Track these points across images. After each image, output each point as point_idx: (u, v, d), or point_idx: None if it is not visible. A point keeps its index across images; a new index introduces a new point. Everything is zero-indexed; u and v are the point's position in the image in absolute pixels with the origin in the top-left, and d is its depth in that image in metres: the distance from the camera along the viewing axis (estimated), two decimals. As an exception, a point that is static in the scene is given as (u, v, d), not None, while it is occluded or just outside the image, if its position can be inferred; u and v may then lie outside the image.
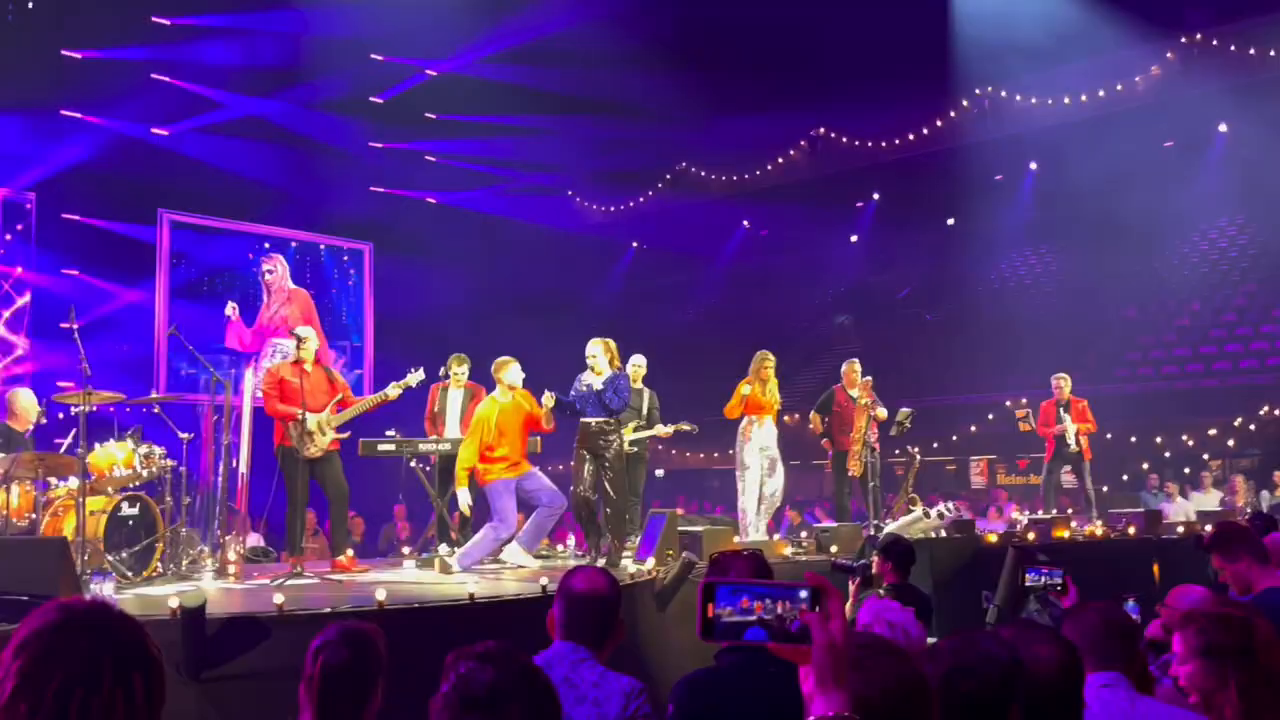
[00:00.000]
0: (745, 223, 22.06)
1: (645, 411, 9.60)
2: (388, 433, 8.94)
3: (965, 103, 18.58)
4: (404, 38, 15.63)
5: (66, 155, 14.38)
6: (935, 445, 17.04)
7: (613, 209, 21.52)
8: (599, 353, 8.00)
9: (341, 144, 16.48)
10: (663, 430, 9.70)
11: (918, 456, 10.40)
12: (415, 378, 8.19)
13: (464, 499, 7.77)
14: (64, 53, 14.14)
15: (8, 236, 14.59)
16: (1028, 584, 4.35)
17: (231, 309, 15.89)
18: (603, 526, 8.10)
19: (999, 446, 17.99)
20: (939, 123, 18.89)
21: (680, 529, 8.09)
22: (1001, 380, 17.07)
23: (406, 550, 9.23)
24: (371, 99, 16.79)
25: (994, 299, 20.88)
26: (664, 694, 5.31)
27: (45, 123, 14.02)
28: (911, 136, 19.08)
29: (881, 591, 5.41)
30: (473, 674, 2.00)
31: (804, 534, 10.31)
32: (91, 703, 1.78)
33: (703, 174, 20.80)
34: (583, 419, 8.00)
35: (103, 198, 14.75)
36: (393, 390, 8.14)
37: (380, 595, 5.64)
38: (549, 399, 7.90)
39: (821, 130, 20.02)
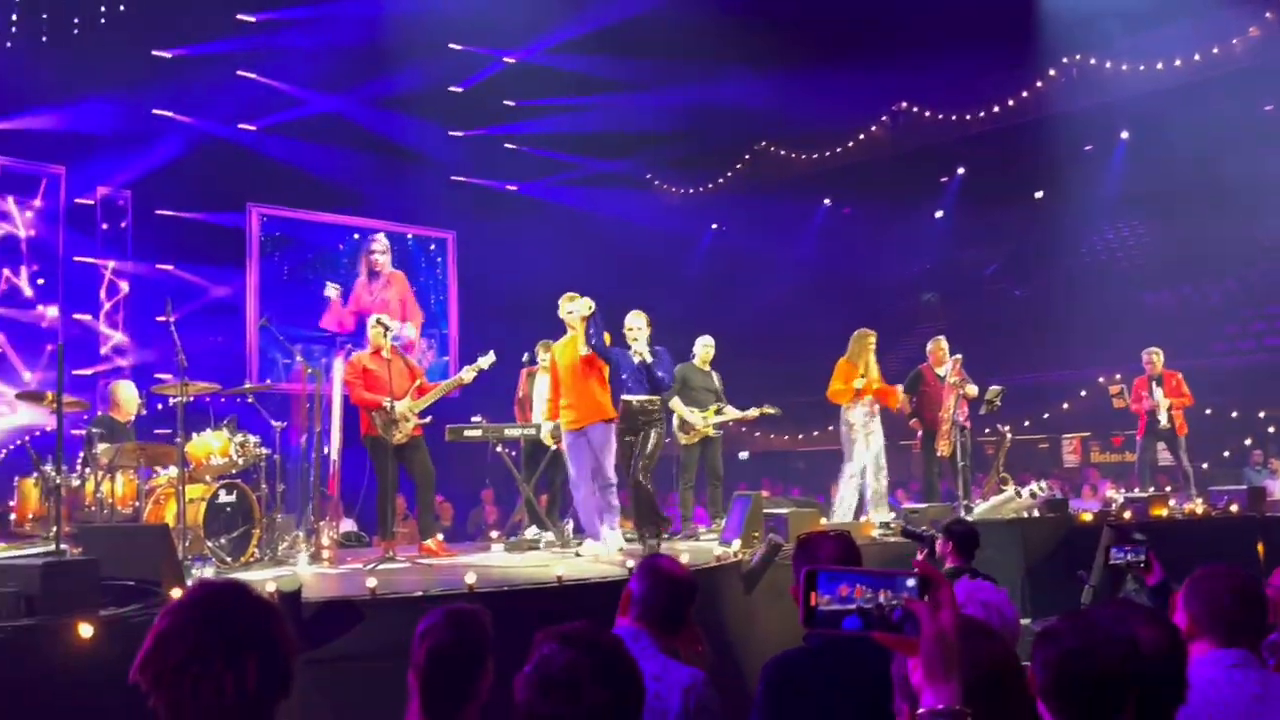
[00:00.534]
0: (827, 201, 21.81)
1: (719, 394, 9.61)
2: (473, 418, 9.06)
3: (1053, 72, 18.09)
4: (482, 26, 15.71)
5: (159, 153, 14.78)
6: (1026, 423, 16.71)
7: (692, 191, 21.43)
8: (641, 324, 7.54)
9: (422, 134, 16.64)
10: (749, 413, 9.66)
11: (1008, 435, 10.22)
12: (486, 360, 8.27)
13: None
14: (154, 53, 14.52)
15: (104, 226, 15.08)
16: (1112, 562, 4.24)
17: (333, 290, 16.24)
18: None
19: (1092, 424, 17.57)
20: (1025, 93, 18.42)
21: (765, 511, 8.05)
22: (1094, 355, 16.66)
23: (494, 534, 9.34)
24: (451, 88, 16.93)
25: (1085, 272, 20.37)
26: (750, 676, 5.31)
27: (138, 122, 14.41)
28: (997, 108, 18.64)
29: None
30: (553, 655, 2.02)
31: (891, 515, 10.20)
32: (202, 682, 1.86)
33: (783, 153, 20.60)
34: (623, 395, 7.56)
35: (194, 193, 15.14)
36: (466, 374, 8.24)
37: (470, 578, 5.72)
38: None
39: (904, 105, 19.67)
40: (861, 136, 19.97)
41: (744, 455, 18.37)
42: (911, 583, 1.48)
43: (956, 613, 1.49)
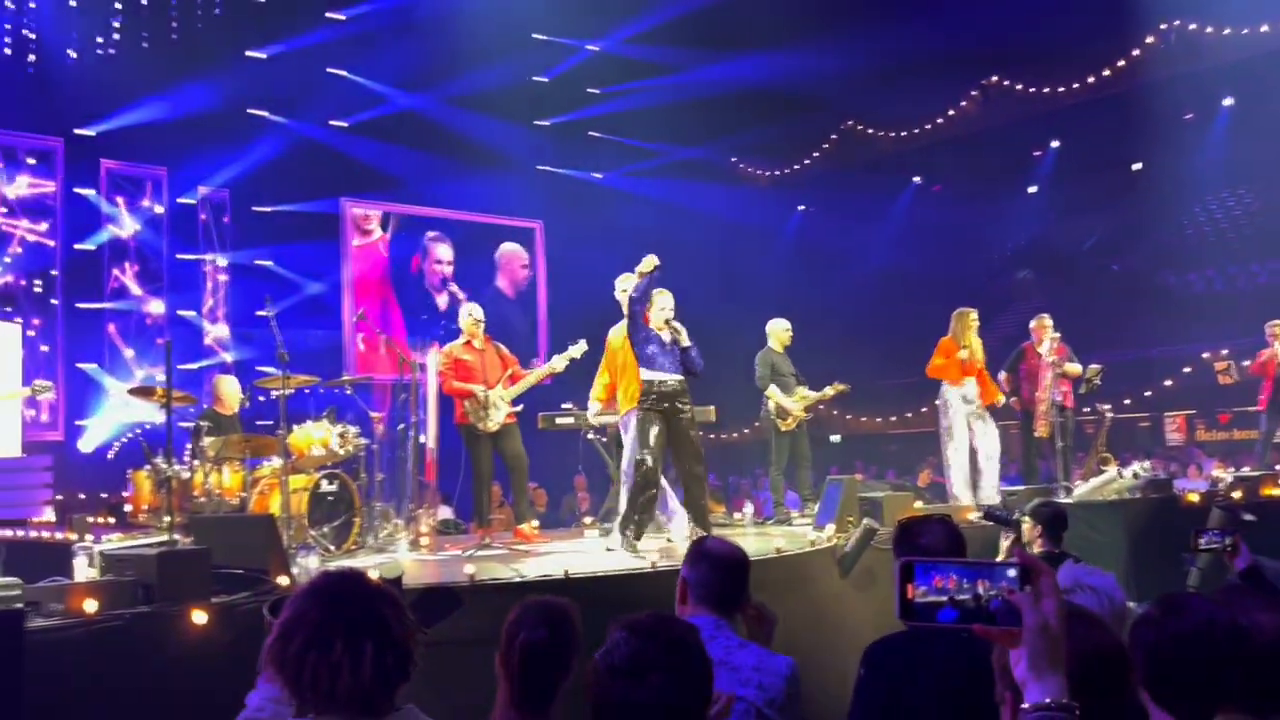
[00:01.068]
0: (916, 179, 21.45)
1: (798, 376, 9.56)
2: (564, 406, 9.15)
3: (1150, 38, 17.50)
4: (565, 16, 15.79)
5: (255, 152, 15.18)
6: (1127, 402, 16.25)
7: (778, 173, 21.27)
8: (673, 305, 7.26)
9: (508, 124, 16.77)
10: (825, 393, 9.59)
11: (1109, 414, 9.95)
12: (578, 349, 8.32)
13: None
14: (248, 53, 14.89)
15: (205, 224, 15.55)
16: (1200, 548, 4.10)
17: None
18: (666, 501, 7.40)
19: (1197, 401, 17.01)
20: (1122, 61, 17.85)
21: (859, 495, 7.99)
22: (1198, 330, 16.13)
23: (588, 520, 9.43)
24: (535, 78, 17.05)
25: (1186, 245, 19.71)
26: (846, 660, 5.29)
27: (235, 122, 14.80)
28: (1092, 78, 18.10)
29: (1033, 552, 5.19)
30: (619, 643, 2.05)
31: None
32: (321, 665, 1.95)
33: (870, 131, 20.30)
34: (659, 376, 7.14)
35: (290, 190, 15.53)
36: (558, 363, 8.31)
37: (567, 565, 5.80)
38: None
39: (994, 78, 19.23)
40: (951, 112, 19.57)
41: (836, 438, 18.21)
42: (1012, 573, 1.44)
43: (1060, 603, 1.46)
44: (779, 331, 9.58)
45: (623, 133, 18.13)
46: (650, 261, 6.96)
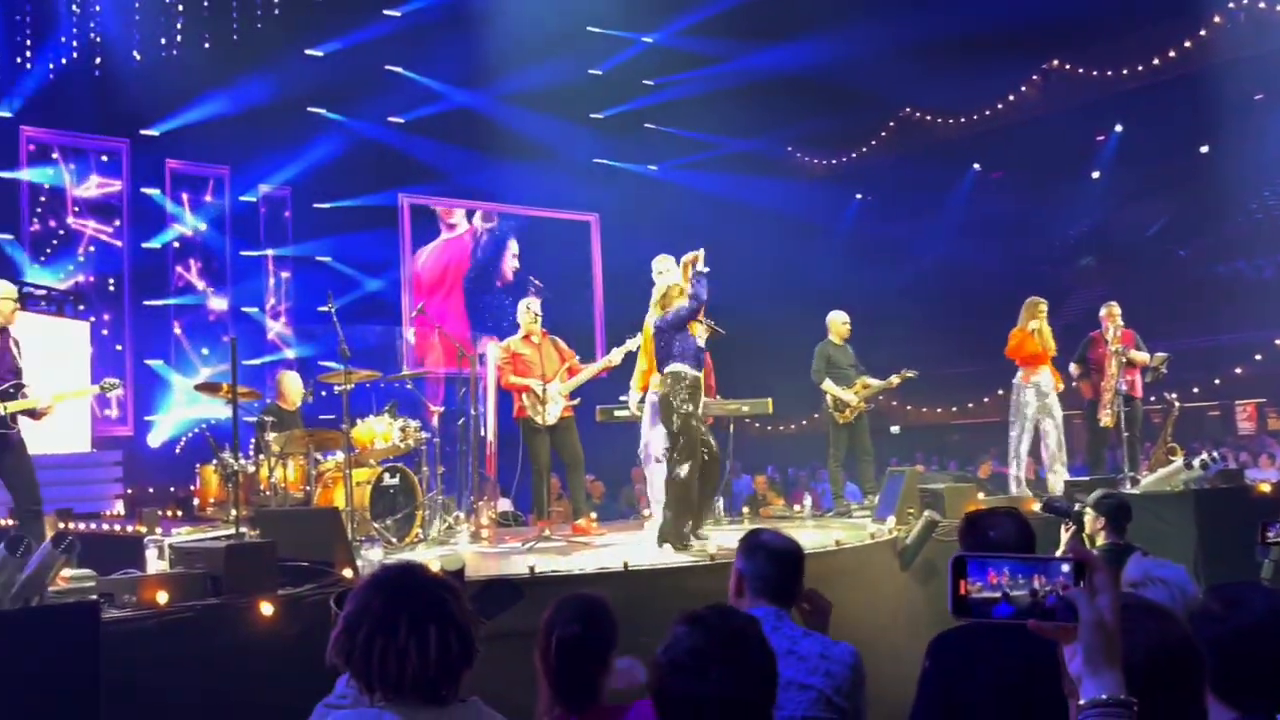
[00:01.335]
0: (976, 166, 21.16)
1: (858, 367, 9.47)
2: (621, 398, 9.16)
3: (1218, 18, 17.08)
4: (620, 9, 15.79)
5: (314, 150, 15.39)
6: (1195, 390, 15.92)
7: (834, 162, 21.10)
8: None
9: (564, 117, 16.81)
10: (890, 381, 9.48)
11: (1176, 403, 9.75)
12: (634, 342, 8.31)
13: None
14: (307, 52, 15.09)
15: (266, 222, 15.80)
16: (1269, 540, 3.99)
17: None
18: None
19: (1269, 389, 16.62)
20: (1188, 42, 17.45)
21: (920, 486, 7.91)
22: (1269, 317, 15.74)
23: (646, 512, 9.43)
24: (590, 71, 17.07)
25: (1256, 229, 19.22)
26: (906, 653, 5.24)
27: (294, 120, 15.00)
28: (1156, 61, 17.71)
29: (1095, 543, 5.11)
30: (680, 637, 2.04)
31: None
32: (388, 651, 2.02)
33: (928, 118, 20.06)
34: (685, 370, 6.90)
35: (349, 187, 15.72)
36: (615, 356, 8.32)
37: (625, 557, 5.82)
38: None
39: (1055, 62, 18.90)
40: (1011, 97, 19.28)
41: (895, 429, 18.05)
42: (1066, 568, 1.43)
43: (1115, 597, 1.44)
44: (836, 324, 9.52)
45: (678, 125, 18.10)
46: (699, 256, 6.89)
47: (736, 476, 12.34)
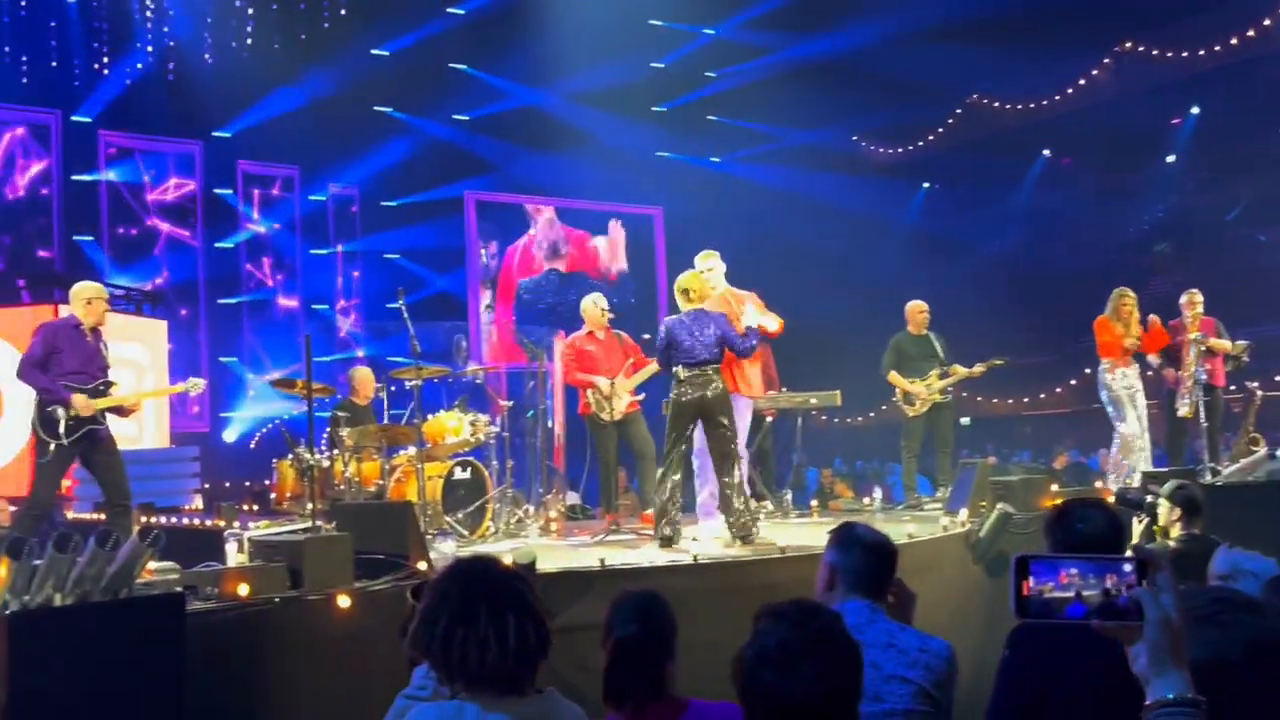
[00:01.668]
0: (1046, 152, 20.76)
1: (941, 356, 9.32)
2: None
3: (1298, -5, 16.57)
4: (682, 1, 15.77)
5: (381, 148, 15.58)
6: (1278, 378, 15.48)
7: (900, 150, 20.84)
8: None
9: (626, 112, 16.81)
10: (975, 370, 9.32)
11: (1259, 392, 9.49)
12: None
13: None
14: (373, 51, 15.29)
15: (335, 221, 16.05)
16: None
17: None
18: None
19: (1356, 377, 16.09)
20: (1267, 20, 16.94)
21: (992, 479, 7.80)
22: (1356, 302, 15.26)
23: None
24: (653, 64, 17.07)
25: (1341, 212, 18.64)
26: (978, 646, 5.18)
27: (362, 119, 15.21)
28: (1235, 40, 17.22)
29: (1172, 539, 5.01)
30: (766, 632, 2.03)
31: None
32: (469, 640, 2.06)
33: (996, 105, 19.73)
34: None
35: (415, 185, 15.90)
36: None
37: (695, 549, 5.82)
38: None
39: (1128, 44, 18.45)
40: (1082, 81, 18.87)
41: (965, 421, 17.80)
42: (1129, 567, 1.41)
43: (1178, 595, 1.41)
44: (913, 313, 9.39)
45: (741, 117, 18.02)
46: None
47: (803, 469, 12.26)
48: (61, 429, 6.15)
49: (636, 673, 2.78)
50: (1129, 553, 1.45)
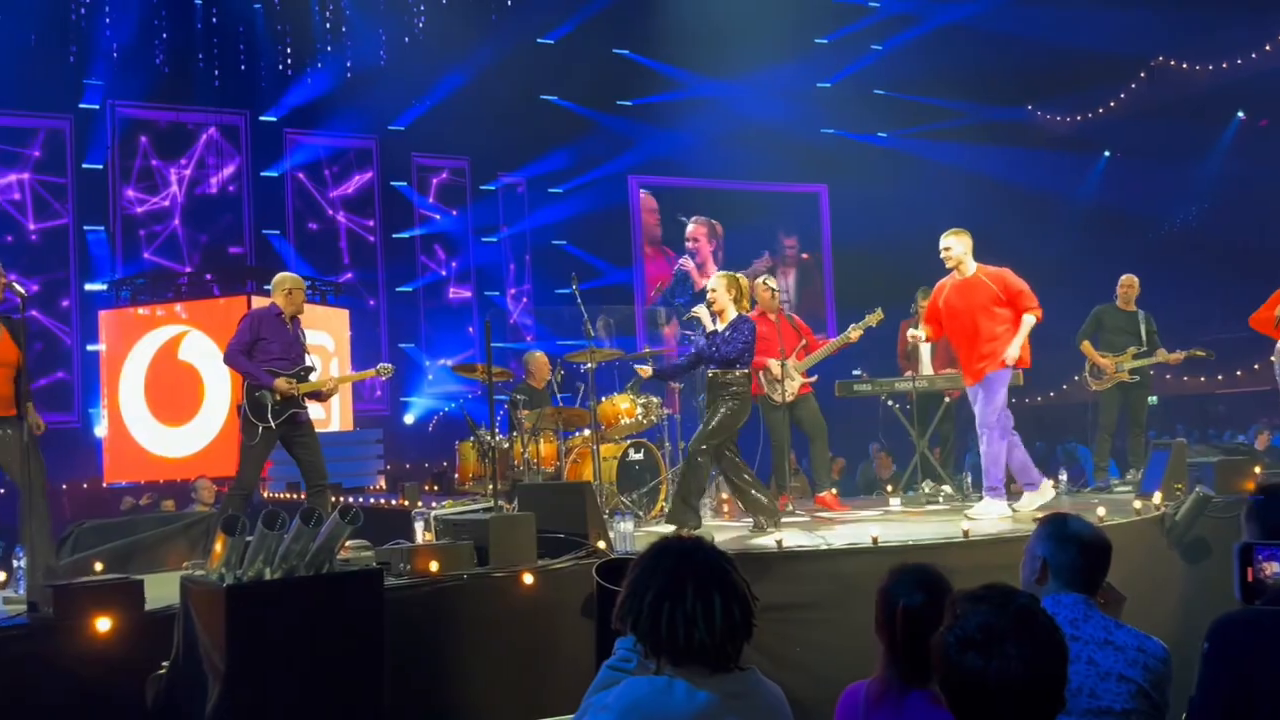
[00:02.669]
0: (1240, 115, 19.52)
1: (1144, 336, 8.88)
2: (855, 372, 9.03)
3: None
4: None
5: (548, 136, 15.82)
6: None
7: (1079, 118, 19.93)
8: (719, 287, 6.69)
9: (790, 89, 16.59)
10: (1174, 356, 8.86)
11: None
12: (874, 318, 8.12)
13: None
14: (538, 41, 15.55)
15: (503, 201, 16.43)
16: None
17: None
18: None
19: None
20: None
21: (1189, 460, 7.41)
22: None
23: (890, 488, 9.28)
24: (817, 40, 16.82)
25: None
26: (1175, 635, 4.94)
27: (529, 108, 15.48)
28: None
29: None
30: (968, 615, 2.00)
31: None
32: (676, 615, 2.10)
33: (1184, 66, 18.64)
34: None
35: (581, 171, 16.12)
36: (853, 332, 8.14)
37: (874, 532, 5.74)
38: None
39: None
40: (1280, 37, 17.65)
41: (1153, 400, 16.98)
42: None
43: None
44: (1123, 287, 9.01)
45: (908, 91, 17.55)
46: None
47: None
48: (269, 413, 6.50)
49: (924, 644, 2.71)
50: None
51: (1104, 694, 2.67)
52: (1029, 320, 6.80)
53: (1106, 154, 20.01)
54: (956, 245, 7.01)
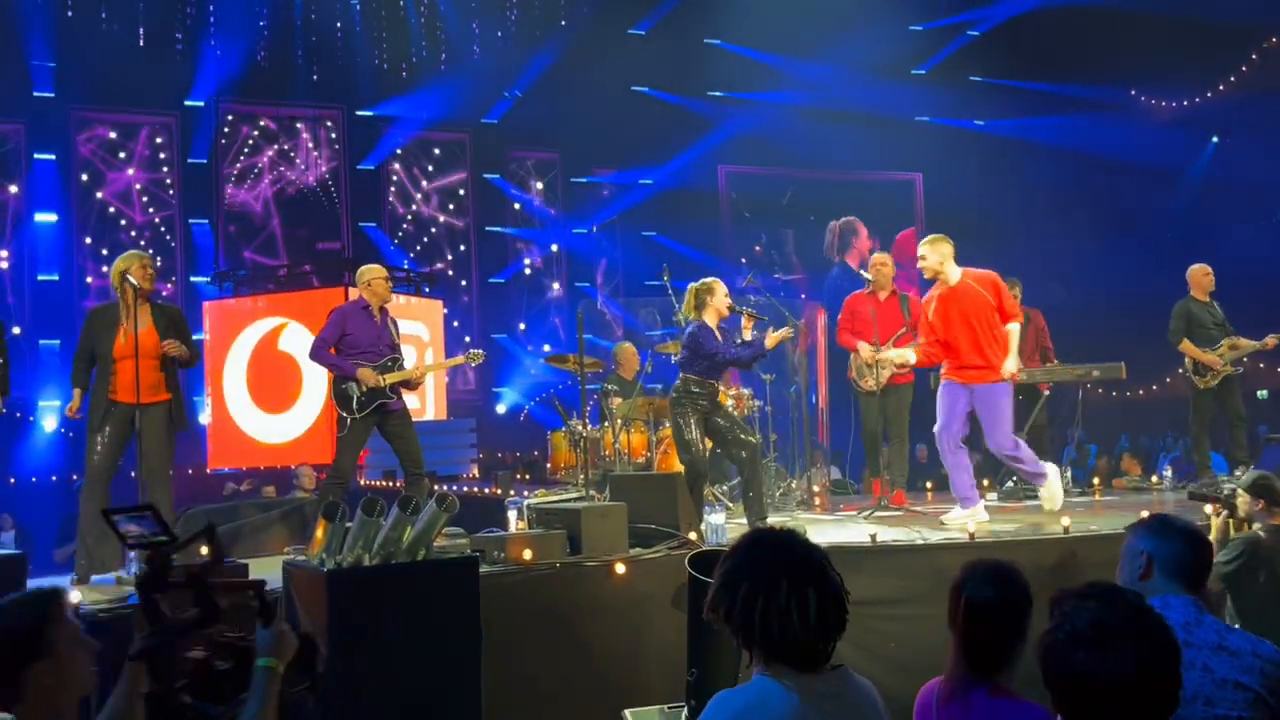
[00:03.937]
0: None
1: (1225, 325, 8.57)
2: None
3: None
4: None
5: (639, 127, 15.74)
6: None
7: (1185, 103, 19.27)
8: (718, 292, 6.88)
9: (885, 77, 16.32)
10: (1268, 341, 8.51)
11: None
12: None
13: None
14: (629, 32, 15.56)
15: (595, 202, 16.50)
16: None
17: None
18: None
19: None
20: None
21: (1301, 456, 7.14)
22: None
23: (985, 482, 9.09)
24: (911, 27, 16.55)
25: None
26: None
27: (620, 100, 15.47)
28: None
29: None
30: (1075, 612, 1.97)
31: None
32: (770, 607, 2.09)
33: (1296, 47, 17.90)
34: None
35: (673, 163, 16.09)
36: None
37: (970, 527, 5.64)
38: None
39: None
40: None
41: (1262, 394, 16.35)
42: None
43: None
44: (1199, 277, 8.65)
45: (1003, 76, 17.15)
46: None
47: (1086, 445, 11.65)
48: (354, 404, 6.63)
49: (992, 639, 2.67)
50: None
51: (1220, 702, 2.57)
52: (1015, 329, 6.63)
53: (1215, 139, 19.32)
54: (931, 255, 6.68)
